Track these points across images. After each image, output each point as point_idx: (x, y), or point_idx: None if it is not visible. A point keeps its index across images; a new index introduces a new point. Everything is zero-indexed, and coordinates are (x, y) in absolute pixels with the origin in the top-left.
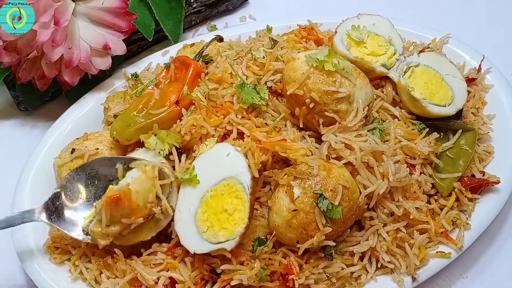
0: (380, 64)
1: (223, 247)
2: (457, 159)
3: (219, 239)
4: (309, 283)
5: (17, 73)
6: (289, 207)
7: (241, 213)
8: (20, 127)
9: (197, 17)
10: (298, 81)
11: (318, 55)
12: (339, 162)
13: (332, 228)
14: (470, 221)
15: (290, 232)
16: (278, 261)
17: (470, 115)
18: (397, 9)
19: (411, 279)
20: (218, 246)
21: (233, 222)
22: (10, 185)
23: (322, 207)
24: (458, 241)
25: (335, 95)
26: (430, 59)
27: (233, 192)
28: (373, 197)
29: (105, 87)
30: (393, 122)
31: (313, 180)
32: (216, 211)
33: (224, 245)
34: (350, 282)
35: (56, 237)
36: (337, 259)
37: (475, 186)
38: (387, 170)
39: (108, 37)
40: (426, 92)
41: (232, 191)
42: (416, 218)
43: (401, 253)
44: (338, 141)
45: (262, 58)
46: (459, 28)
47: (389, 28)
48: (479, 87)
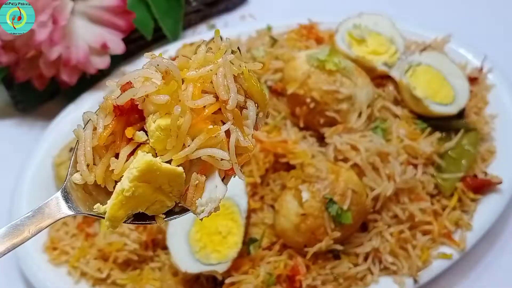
0: (381, 63)
1: (215, 270)
2: (459, 159)
3: (211, 261)
4: (316, 284)
5: (15, 73)
6: (297, 211)
7: (235, 237)
8: (18, 127)
9: (196, 16)
10: (299, 81)
11: (319, 54)
12: (346, 165)
13: (340, 232)
14: (472, 222)
15: (298, 236)
16: (284, 262)
17: (472, 115)
18: (399, 8)
19: (413, 281)
20: (210, 268)
21: (226, 246)
22: (9, 184)
23: (331, 212)
24: (460, 243)
25: (336, 95)
26: (432, 58)
27: (228, 214)
28: (379, 199)
29: (103, 87)
30: (394, 122)
31: (321, 183)
32: (210, 231)
33: (216, 268)
34: (356, 283)
35: (54, 238)
36: (344, 259)
37: (478, 187)
38: (393, 172)
39: (106, 36)
40: (428, 91)
41: (228, 213)
42: (421, 220)
43: (404, 255)
44: (344, 143)
45: (261, 57)
46: (461, 27)
47: (391, 27)
48: (481, 86)
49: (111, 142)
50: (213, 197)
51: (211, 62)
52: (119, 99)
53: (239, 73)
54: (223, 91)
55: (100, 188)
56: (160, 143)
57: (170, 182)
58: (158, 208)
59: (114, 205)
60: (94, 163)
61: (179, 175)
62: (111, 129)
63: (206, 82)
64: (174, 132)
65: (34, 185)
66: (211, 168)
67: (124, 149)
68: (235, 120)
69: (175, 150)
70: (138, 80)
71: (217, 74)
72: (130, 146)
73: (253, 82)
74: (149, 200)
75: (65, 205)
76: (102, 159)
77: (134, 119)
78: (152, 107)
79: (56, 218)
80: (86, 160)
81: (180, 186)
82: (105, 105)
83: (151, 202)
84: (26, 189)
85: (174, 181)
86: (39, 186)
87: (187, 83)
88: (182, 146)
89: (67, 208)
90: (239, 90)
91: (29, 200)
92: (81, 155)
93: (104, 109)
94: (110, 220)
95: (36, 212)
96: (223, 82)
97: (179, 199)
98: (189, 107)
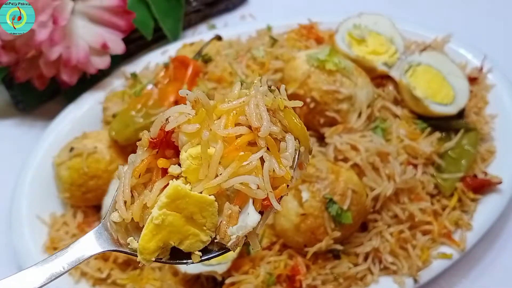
0: (381, 63)
1: (214, 270)
2: (459, 159)
3: (211, 262)
4: (316, 284)
5: (16, 73)
6: (297, 211)
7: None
8: (18, 127)
9: (196, 16)
10: (299, 81)
11: (319, 54)
12: (346, 165)
13: (340, 232)
14: (472, 222)
15: (298, 236)
16: (284, 262)
17: (472, 115)
18: (399, 8)
19: (413, 281)
20: (209, 268)
21: None
22: (9, 184)
23: (331, 212)
24: (460, 243)
25: (336, 95)
26: (431, 58)
27: None
28: (379, 199)
29: (103, 87)
30: (394, 122)
31: (321, 183)
32: None
33: (216, 268)
34: (356, 283)
35: (54, 238)
36: (344, 259)
37: (477, 187)
38: (393, 172)
39: (107, 36)
40: (428, 91)
41: None
42: (421, 220)
43: (404, 254)
44: (344, 142)
45: (262, 57)
46: (460, 27)
47: (391, 27)
48: (481, 86)
49: (149, 179)
50: (243, 224)
51: (245, 95)
52: (151, 131)
53: (276, 109)
54: (254, 119)
55: (140, 230)
56: (192, 173)
57: (202, 212)
58: (193, 243)
59: (145, 236)
60: (133, 202)
61: (210, 203)
62: (147, 163)
63: (239, 114)
64: (205, 160)
65: (34, 185)
66: (245, 198)
67: (158, 182)
68: (270, 148)
69: (207, 180)
70: (174, 116)
71: (249, 104)
72: (165, 180)
73: (292, 117)
74: (181, 232)
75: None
76: (140, 196)
77: (170, 154)
78: (185, 137)
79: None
80: (124, 197)
81: (213, 218)
82: (142, 142)
83: (184, 234)
84: (26, 189)
85: (206, 211)
86: (39, 186)
87: (221, 115)
88: (215, 176)
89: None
90: (276, 123)
91: (29, 200)
92: (120, 193)
93: (141, 146)
94: (142, 253)
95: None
96: (255, 111)
97: (214, 234)
98: (221, 136)
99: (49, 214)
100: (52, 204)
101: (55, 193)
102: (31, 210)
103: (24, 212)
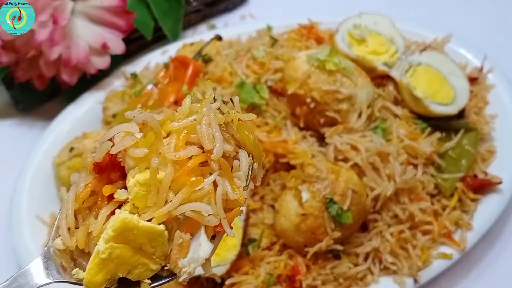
0: (381, 63)
1: (213, 272)
2: (459, 159)
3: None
4: (316, 284)
5: (16, 73)
6: (297, 211)
7: (233, 240)
8: (18, 127)
9: (196, 16)
10: (299, 81)
11: (319, 54)
12: (346, 165)
13: (340, 232)
14: (472, 222)
15: (298, 236)
16: (284, 262)
17: (472, 115)
18: (399, 8)
19: (413, 281)
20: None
21: (225, 248)
22: (9, 184)
23: (331, 212)
24: (460, 243)
25: (336, 95)
26: (432, 58)
27: None
28: (379, 199)
29: (103, 87)
30: (394, 122)
31: (321, 183)
32: None
33: (214, 271)
34: (356, 283)
35: None
36: (344, 259)
37: (478, 187)
38: (393, 172)
39: (107, 36)
40: (428, 91)
41: None
42: (421, 220)
43: (404, 255)
44: (344, 143)
45: (262, 57)
46: (460, 27)
47: (391, 27)
48: (481, 86)
49: (94, 203)
50: (195, 256)
51: (197, 112)
52: (96, 155)
53: (229, 122)
54: (207, 141)
55: (86, 254)
56: (140, 200)
57: (151, 242)
58: (142, 272)
59: (91, 269)
60: (77, 226)
61: (160, 233)
62: (90, 188)
63: (190, 133)
64: (154, 186)
65: (34, 185)
66: (197, 225)
67: (103, 209)
68: (222, 171)
69: (156, 207)
70: (119, 135)
71: (201, 123)
72: (111, 206)
73: (245, 131)
74: (129, 263)
75: (43, 273)
76: (84, 221)
77: (116, 177)
78: (132, 162)
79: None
80: (67, 223)
81: (163, 247)
82: (85, 164)
83: (133, 265)
84: (26, 189)
85: (155, 241)
86: (39, 186)
87: (172, 135)
88: (165, 202)
89: (45, 276)
90: (229, 139)
91: (29, 200)
92: (63, 219)
93: (84, 168)
94: (88, 286)
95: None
96: (207, 131)
97: (164, 262)
98: (170, 159)
99: (49, 214)
100: (52, 204)
101: (55, 193)
102: (31, 210)
103: (24, 212)
